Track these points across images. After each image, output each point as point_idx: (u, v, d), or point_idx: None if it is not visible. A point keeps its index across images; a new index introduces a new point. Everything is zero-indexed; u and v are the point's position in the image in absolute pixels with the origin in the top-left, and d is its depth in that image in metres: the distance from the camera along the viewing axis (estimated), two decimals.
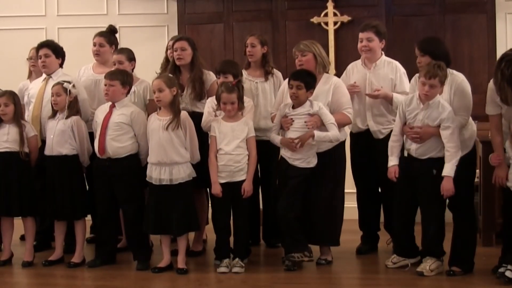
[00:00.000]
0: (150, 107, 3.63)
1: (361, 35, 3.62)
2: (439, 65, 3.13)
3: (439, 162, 3.14)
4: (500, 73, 2.98)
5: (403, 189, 3.24)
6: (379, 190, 3.67)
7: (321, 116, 3.29)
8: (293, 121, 3.34)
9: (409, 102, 3.23)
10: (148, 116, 3.53)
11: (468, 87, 3.20)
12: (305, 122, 3.29)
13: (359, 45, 3.63)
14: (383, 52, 3.66)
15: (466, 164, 3.18)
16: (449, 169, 3.10)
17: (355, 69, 3.68)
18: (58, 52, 3.80)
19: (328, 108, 3.35)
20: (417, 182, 3.19)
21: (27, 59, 4.12)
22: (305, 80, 3.30)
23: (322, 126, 3.30)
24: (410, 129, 3.19)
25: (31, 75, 4.11)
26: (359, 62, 3.69)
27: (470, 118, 3.25)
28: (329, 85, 3.39)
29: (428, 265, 3.19)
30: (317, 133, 3.26)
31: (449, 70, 3.20)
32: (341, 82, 3.49)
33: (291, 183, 3.33)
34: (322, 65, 3.43)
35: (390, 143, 3.29)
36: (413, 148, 3.21)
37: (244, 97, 3.49)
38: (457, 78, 3.19)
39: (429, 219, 3.20)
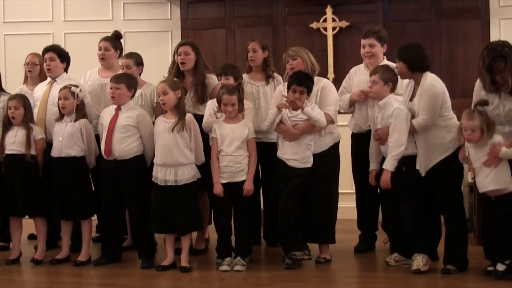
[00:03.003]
0: (157, 110, 3.70)
1: (363, 41, 3.69)
2: (384, 65, 3.36)
3: (408, 159, 3.26)
4: (482, 60, 3.09)
5: (388, 191, 3.32)
6: (378, 190, 3.75)
7: (313, 110, 3.37)
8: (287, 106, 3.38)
9: (376, 108, 3.38)
10: (155, 118, 3.60)
11: (434, 90, 3.23)
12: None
13: (362, 51, 3.70)
14: (385, 56, 3.73)
15: (451, 165, 3.26)
16: (386, 163, 3.26)
17: (358, 72, 3.76)
18: (63, 56, 3.87)
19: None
20: (392, 183, 3.27)
21: (23, 64, 4.15)
22: (308, 86, 3.39)
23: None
24: (375, 131, 3.34)
25: (27, 80, 4.15)
26: (361, 66, 3.76)
27: (455, 121, 3.28)
28: (317, 88, 3.47)
29: (420, 261, 3.26)
30: (307, 108, 3.34)
31: (425, 74, 3.27)
32: (328, 83, 3.56)
33: (290, 184, 3.40)
34: (311, 70, 3.50)
35: (370, 149, 3.43)
36: (383, 150, 3.34)
37: (244, 100, 3.57)
38: (425, 80, 3.26)
39: (404, 215, 3.28)
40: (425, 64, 3.30)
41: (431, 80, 3.26)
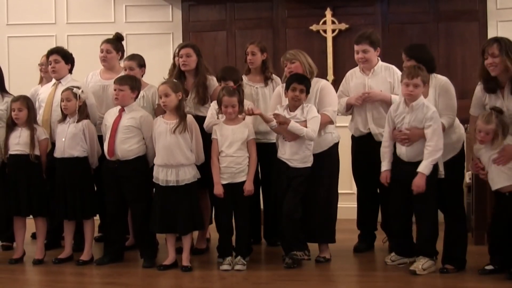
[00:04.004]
0: (158, 111, 3.72)
1: (356, 47, 3.71)
2: (419, 66, 3.26)
3: None
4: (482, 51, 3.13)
5: (397, 192, 3.31)
6: (378, 191, 3.75)
7: (308, 113, 3.40)
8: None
9: (396, 108, 3.33)
10: None
11: (451, 88, 3.30)
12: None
13: (356, 56, 3.72)
14: (379, 58, 3.77)
15: (454, 165, 3.29)
16: (423, 166, 3.17)
17: (354, 76, 3.78)
18: (68, 58, 3.91)
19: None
20: (410, 185, 3.24)
21: (38, 65, 4.24)
22: (307, 85, 3.43)
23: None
24: (399, 132, 3.28)
25: (42, 81, 4.23)
26: (357, 69, 3.79)
27: (458, 122, 3.35)
28: (317, 88, 3.51)
29: (421, 264, 3.27)
30: (292, 123, 3.36)
31: (433, 75, 3.32)
32: (327, 84, 3.59)
33: (293, 184, 3.42)
34: (309, 72, 3.53)
35: (381, 149, 3.38)
36: (403, 152, 3.30)
37: (244, 101, 3.59)
38: (440, 80, 3.31)
39: (422, 219, 3.28)
40: (434, 64, 3.34)
41: (446, 80, 3.30)
